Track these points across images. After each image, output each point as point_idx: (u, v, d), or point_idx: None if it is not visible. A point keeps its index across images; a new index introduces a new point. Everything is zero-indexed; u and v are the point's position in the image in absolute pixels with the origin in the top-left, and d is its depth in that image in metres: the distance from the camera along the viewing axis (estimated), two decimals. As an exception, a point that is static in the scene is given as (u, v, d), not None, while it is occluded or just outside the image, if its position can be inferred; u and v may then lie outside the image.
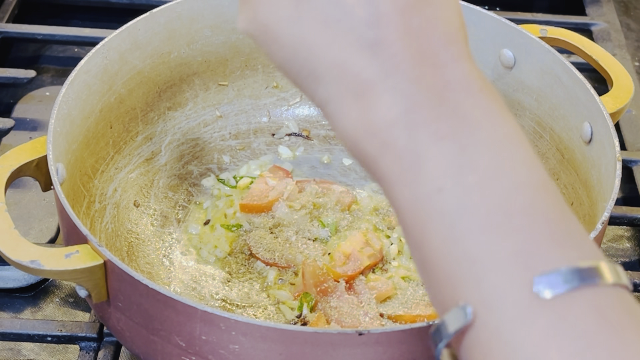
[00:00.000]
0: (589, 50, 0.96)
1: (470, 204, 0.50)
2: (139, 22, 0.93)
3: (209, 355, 0.70)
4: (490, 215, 0.49)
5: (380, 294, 0.86)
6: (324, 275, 0.86)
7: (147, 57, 0.94)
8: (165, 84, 0.97)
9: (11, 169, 0.79)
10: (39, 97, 1.12)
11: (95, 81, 0.88)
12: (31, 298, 0.90)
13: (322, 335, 0.67)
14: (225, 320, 0.67)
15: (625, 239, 1.01)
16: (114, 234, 0.89)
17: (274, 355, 0.68)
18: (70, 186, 0.83)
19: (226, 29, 0.99)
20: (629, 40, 1.26)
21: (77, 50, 1.20)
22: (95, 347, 0.83)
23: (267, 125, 1.03)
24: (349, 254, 0.88)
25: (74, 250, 0.72)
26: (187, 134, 1.00)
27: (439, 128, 0.51)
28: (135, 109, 0.95)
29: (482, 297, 0.49)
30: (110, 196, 0.91)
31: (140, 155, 0.96)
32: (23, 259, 0.71)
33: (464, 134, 0.51)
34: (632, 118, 1.11)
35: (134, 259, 0.89)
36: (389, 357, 0.68)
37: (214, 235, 0.92)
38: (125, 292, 0.72)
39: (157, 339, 0.72)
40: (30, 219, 0.96)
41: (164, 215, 0.94)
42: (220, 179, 0.98)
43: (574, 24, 1.23)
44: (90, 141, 0.89)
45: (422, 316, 0.84)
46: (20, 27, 1.15)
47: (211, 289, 0.88)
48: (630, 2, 1.34)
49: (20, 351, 0.86)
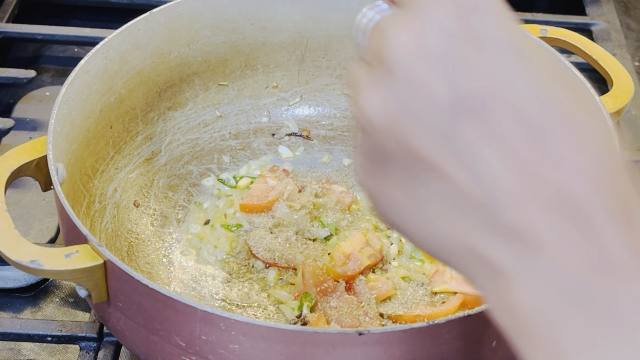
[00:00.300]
0: (589, 50, 0.96)
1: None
2: (139, 22, 0.93)
3: (209, 355, 0.70)
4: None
5: (380, 294, 0.86)
6: (324, 275, 0.86)
7: (147, 57, 0.94)
8: (165, 84, 0.97)
9: (11, 169, 0.79)
10: (39, 97, 1.12)
11: (95, 81, 0.88)
12: (31, 298, 0.90)
13: (322, 335, 0.67)
14: (225, 320, 0.67)
15: (625, 239, 1.00)
16: (114, 234, 0.89)
17: (274, 355, 0.68)
18: (70, 186, 0.83)
19: (226, 29, 0.99)
20: (629, 40, 1.26)
21: (77, 50, 1.20)
22: (95, 347, 0.83)
23: (267, 125, 1.03)
24: (349, 254, 0.88)
25: (74, 250, 0.72)
26: (187, 134, 1.00)
27: (587, 337, 0.43)
28: (135, 109, 0.95)
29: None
30: (110, 196, 0.91)
31: (140, 155, 0.96)
32: (23, 259, 0.71)
33: (615, 347, 0.42)
34: (632, 118, 1.11)
35: (134, 259, 0.89)
36: (389, 357, 0.68)
37: (214, 235, 0.92)
38: (125, 292, 0.72)
39: (157, 339, 0.72)
40: (30, 219, 0.96)
41: (164, 215, 0.94)
42: (220, 179, 0.98)
43: (574, 24, 1.23)
44: (90, 141, 0.89)
45: (422, 316, 0.84)
46: (20, 27, 1.15)
47: (211, 289, 0.88)
48: (630, 2, 1.34)
49: (20, 351, 0.86)
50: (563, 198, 0.44)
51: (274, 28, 1.01)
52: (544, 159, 0.44)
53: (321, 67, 1.04)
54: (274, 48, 1.02)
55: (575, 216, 0.43)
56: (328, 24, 1.01)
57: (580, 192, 0.43)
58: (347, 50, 1.03)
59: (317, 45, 1.02)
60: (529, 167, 0.44)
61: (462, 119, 0.45)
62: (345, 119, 1.04)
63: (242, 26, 1.00)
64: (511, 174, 0.44)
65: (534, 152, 0.44)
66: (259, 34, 1.01)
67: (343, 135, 1.03)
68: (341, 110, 1.04)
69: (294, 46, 1.02)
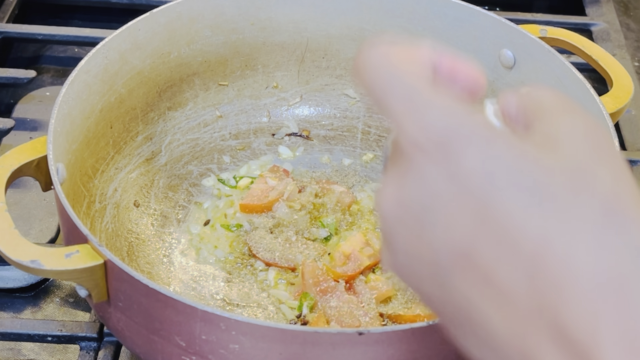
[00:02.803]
0: (589, 50, 0.96)
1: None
2: (139, 22, 0.93)
3: (209, 355, 0.70)
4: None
5: (380, 294, 0.86)
6: (324, 275, 0.86)
7: (147, 57, 0.94)
8: (165, 84, 0.97)
9: (11, 169, 0.79)
10: (39, 97, 1.12)
11: (95, 81, 0.88)
12: (31, 298, 0.90)
13: (322, 335, 0.67)
14: (225, 320, 0.67)
15: (625, 239, 1.01)
16: (114, 234, 0.89)
17: (274, 355, 0.68)
18: (70, 186, 0.83)
19: (226, 29, 0.99)
20: (628, 40, 1.26)
21: (77, 50, 1.20)
22: (95, 347, 0.83)
23: (267, 125, 1.03)
24: (348, 254, 0.88)
25: (74, 250, 0.72)
26: (187, 134, 1.00)
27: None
28: (136, 109, 0.95)
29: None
30: (111, 196, 0.91)
31: (141, 155, 0.96)
32: (23, 258, 0.71)
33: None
34: (632, 118, 1.11)
35: (134, 259, 0.89)
36: (389, 357, 0.68)
37: (214, 235, 0.92)
38: (125, 292, 0.72)
39: (157, 339, 0.72)
40: (30, 219, 0.96)
41: (164, 215, 0.94)
42: (221, 179, 0.98)
43: (573, 24, 1.23)
44: (91, 141, 0.89)
45: (422, 316, 0.84)
46: (20, 27, 1.15)
47: (211, 289, 0.88)
48: (630, 2, 1.34)
49: (20, 351, 0.86)
50: (562, 334, 0.42)
51: (274, 28, 1.01)
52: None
53: (321, 67, 1.04)
54: (274, 48, 1.02)
55: (578, 350, 0.42)
56: (328, 24, 1.01)
57: (578, 325, 0.42)
58: (347, 51, 1.03)
59: (317, 45, 1.02)
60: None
61: (454, 271, 0.45)
62: (345, 119, 1.04)
63: (242, 26, 1.00)
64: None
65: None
66: (259, 34, 1.01)
67: (343, 135, 1.03)
68: (341, 110, 1.04)
69: (294, 46, 1.02)
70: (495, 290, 0.44)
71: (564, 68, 0.89)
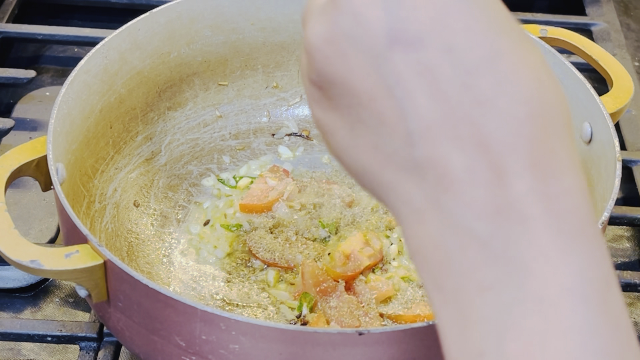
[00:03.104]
0: (589, 50, 0.96)
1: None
2: (139, 22, 0.93)
3: (209, 355, 0.70)
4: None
5: (380, 294, 0.86)
6: (324, 275, 0.86)
7: (147, 57, 0.94)
8: (165, 84, 0.97)
9: (11, 169, 0.79)
10: (39, 97, 1.12)
11: (95, 81, 0.88)
12: (31, 298, 0.90)
13: (322, 335, 0.67)
14: (225, 320, 0.67)
15: (625, 239, 1.01)
16: (114, 234, 0.89)
17: (274, 355, 0.68)
18: (70, 186, 0.83)
19: (226, 29, 0.99)
20: (629, 40, 1.26)
21: (77, 50, 1.20)
22: (95, 347, 0.83)
23: (267, 125, 1.03)
24: (348, 254, 0.88)
25: (74, 250, 0.72)
26: (187, 134, 1.00)
27: (484, 277, 0.43)
28: (135, 109, 0.95)
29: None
30: (110, 196, 0.91)
31: (140, 155, 0.96)
32: (23, 258, 0.71)
33: (512, 285, 0.42)
34: (632, 118, 1.11)
35: (134, 259, 0.89)
36: (389, 357, 0.68)
37: (214, 235, 0.92)
38: (125, 292, 0.72)
39: (157, 339, 0.72)
40: (30, 219, 0.96)
41: (164, 215, 0.94)
42: (220, 179, 0.98)
43: (574, 24, 1.23)
44: (90, 141, 0.89)
45: (422, 316, 0.84)
46: (20, 27, 1.15)
47: (211, 289, 0.88)
48: (630, 2, 1.34)
49: (20, 351, 0.86)
50: (479, 137, 0.44)
51: (274, 28, 1.01)
52: (468, 98, 0.44)
53: (321, 67, 1.04)
54: (274, 48, 1.02)
55: (488, 156, 0.44)
56: (328, 24, 1.01)
57: (496, 133, 0.44)
58: (347, 50, 1.03)
59: (317, 45, 1.02)
60: (452, 104, 0.44)
61: (395, 50, 0.45)
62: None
63: (242, 26, 1.00)
64: (433, 109, 0.45)
65: (460, 91, 0.44)
66: (259, 34, 1.01)
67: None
68: (341, 110, 1.04)
69: (294, 46, 1.02)
70: (435, 85, 0.45)
71: (564, 68, 0.89)
